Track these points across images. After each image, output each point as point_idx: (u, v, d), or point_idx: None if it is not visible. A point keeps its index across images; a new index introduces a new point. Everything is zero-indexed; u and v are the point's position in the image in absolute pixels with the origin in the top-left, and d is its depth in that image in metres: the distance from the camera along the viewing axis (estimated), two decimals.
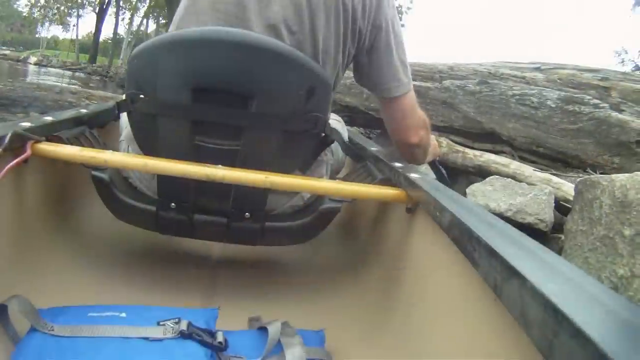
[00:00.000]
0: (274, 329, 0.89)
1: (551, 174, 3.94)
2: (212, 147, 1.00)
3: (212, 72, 0.96)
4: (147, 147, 1.06)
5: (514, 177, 3.78)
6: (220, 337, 0.85)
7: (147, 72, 0.98)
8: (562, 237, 2.82)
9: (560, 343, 0.37)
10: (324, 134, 1.09)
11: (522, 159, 4.39)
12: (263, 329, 0.92)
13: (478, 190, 3.46)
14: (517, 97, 4.53)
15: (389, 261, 1.08)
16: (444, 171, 1.57)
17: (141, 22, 36.87)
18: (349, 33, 1.10)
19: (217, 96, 0.97)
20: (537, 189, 3.29)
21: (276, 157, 1.02)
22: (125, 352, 0.78)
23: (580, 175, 3.87)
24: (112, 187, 1.04)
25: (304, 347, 0.88)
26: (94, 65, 28.00)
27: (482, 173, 4.09)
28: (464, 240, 0.64)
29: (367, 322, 1.04)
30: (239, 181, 0.94)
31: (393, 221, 1.13)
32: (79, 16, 41.65)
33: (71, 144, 1.05)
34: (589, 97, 4.35)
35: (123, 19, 37.49)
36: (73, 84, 11.24)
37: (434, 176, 1.54)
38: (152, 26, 36.42)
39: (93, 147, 1.13)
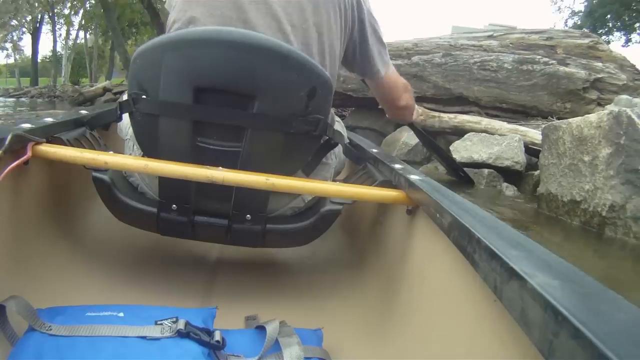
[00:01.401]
0: (271, 328, 0.89)
1: (517, 124, 4.76)
2: (214, 148, 1.00)
3: (214, 72, 0.95)
4: (149, 148, 1.05)
5: (486, 132, 4.58)
6: (218, 336, 0.85)
7: (148, 72, 0.98)
8: (535, 173, 3.72)
9: (560, 343, 0.37)
10: (327, 137, 1.09)
11: (489, 116, 5.30)
12: (261, 328, 0.92)
13: (460, 146, 4.21)
14: (478, 64, 5.50)
15: (389, 262, 1.09)
16: (422, 132, 1.73)
17: (77, 34, 34.72)
18: (345, 27, 1.15)
19: (218, 97, 0.97)
20: (508, 138, 4.10)
21: (277, 159, 1.02)
22: (123, 352, 0.78)
23: (540, 122, 4.88)
24: (113, 188, 1.04)
25: (301, 346, 0.89)
26: (37, 87, 26.62)
27: (458, 132, 4.84)
28: (464, 241, 0.64)
29: (365, 321, 1.04)
30: (240, 183, 0.94)
31: (393, 222, 1.14)
32: (14, 40, 37.91)
33: (72, 145, 1.05)
34: (539, 57, 5.36)
35: (60, 35, 35.16)
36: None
37: (417, 140, 1.71)
38: (91, 38, 34.35)
39: (94, 148, 1.14)
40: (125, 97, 1.08)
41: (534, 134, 4.28)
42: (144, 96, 0.98)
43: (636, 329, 0.37)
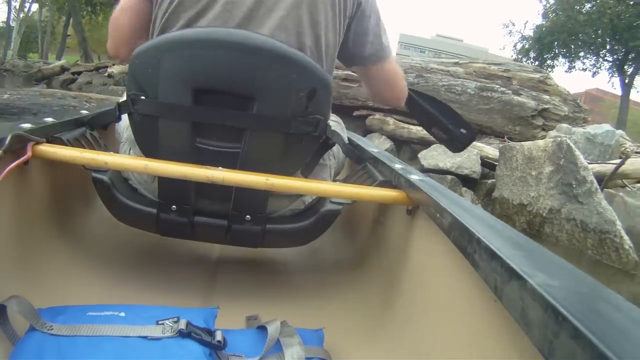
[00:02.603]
0: (273, 328, 0.90)
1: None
2: (213, 149, 1.00)
3: (213, 73, 0.95)
4: (148, 148, 1.05)
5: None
6: (219, 336, 0.85)
7: (147, 73, 0.98)
8: (489, 181, 4.87)
9: (560, 343, 0.37)
10: (325, 137, 1.08)
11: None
12: (262, 328, 0.92)
13: (427, 154, 5.19)
14: (446, 86, 6.70)
15: (389, 262, 1.09)
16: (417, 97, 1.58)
17: (29, 7, 32.69)
18: (344, 20, 1.12)
19: (218, 98, 0.96)
20: (468, 151, 5.01)
21: (277, 160, 1.02)
22: (124, 351, 0.78)
23: (492, 140, 6.27)
24: (112, 188, 1.04)
25: (302, 346, 0.89)
26: None
27: (424, 142, 5.88)
28: (464, 241, 0.64)
29: (366, 321, 1.05)
30: (240, 183, 0.94)
31: (393, 222, 1.13)
32: None
33: (72, 145, 1.04)
34: (497, 86, 6.61)
35: (14, 7, 32.64)
36: None
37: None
38: (44, 12, 32.53)
39: (94, 148, 1.13)
40: (124, 97, 1.08)
41: (489, 149, 5.35)
42: (142, 97, 0.98)
43: (636, 329, 0.37)
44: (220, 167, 0.95)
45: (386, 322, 0.99)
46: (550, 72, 21.00)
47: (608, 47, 22.66)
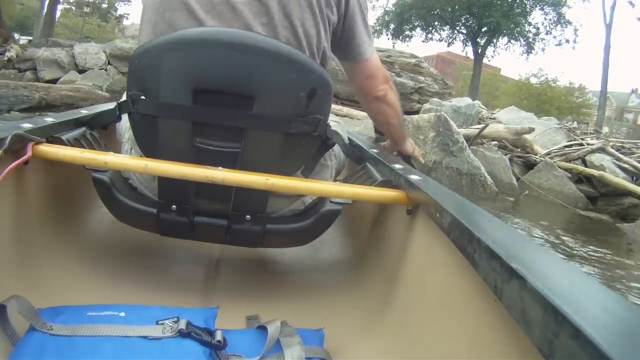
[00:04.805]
0: (273, 328, 0.90)
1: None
2: (213, 149, 1.00)
3: (213, 73, 0.95)
4: (148, 148, 1.05)
5: (348, 116, 7.27)
6: (219, 336, 0.85)
7: (147, 72, 0.98)
8: (381, 144, 5.48)
9: (560, 343, 0.37)
10: (325, 137, 1.08)
11: (346, 106, 7.70)
12: (262, 328, 0.92)
13: (333, 124, 5.82)
14: (341, 72, 7.42)
15: (389, 262, 1.08)
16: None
17: None
18: (323, 7, 1.08)
19: (218, 97, 0.96)
20: (365, 121, 6.48)
21: (277, 160, 1.02)
22: (124, 351, 0.78)
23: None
24: (112, 188, 1.04)
25: (302, 346, 0.89)
26: None
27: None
28: (464, 241, 0.64)
29: (366, 321, 1.05)
30: (240, 183, 0.94)
31: (393, 222, 1.14)
32: None
33: (72, 145, 1.04)
34: None
35: None
36: None
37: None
38: None
39: (94, 148, 1.13)
40: (124, 97, 1.08)
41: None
42: (142, 97, 0.98)
43: (636, 329, 0.37)
44: (220, 167, 0.95)
45: (386, 322, 0.99)
46: (408, 42, 27.71)
47: (463, 20, 26.94)
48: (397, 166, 1.11)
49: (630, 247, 4.53)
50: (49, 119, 1.08)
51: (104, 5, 32.20)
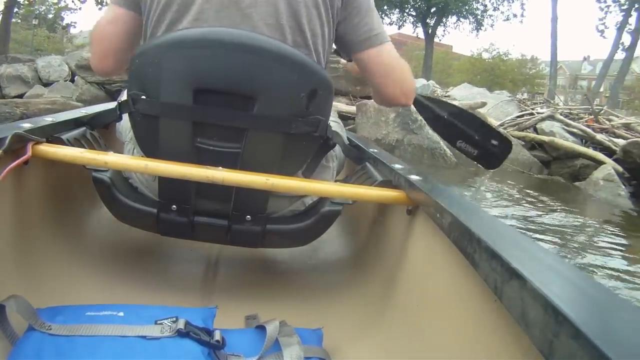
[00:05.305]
0: (272, 328, 0.89)
1: None
2: (213, 149, 0.99)
3: (214, 73, 0.95)
4: (149, 148, 1.05)
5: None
6: (217, 336, 0.85)
7: (148, 72, 0.97)
8: (346, 128, 5.51)
9: (560, 343, 0.37)
10: (325, 137, 1.08)
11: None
12: (261, 328, 0.92)
13: None
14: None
15: (389, 262, 1.08)
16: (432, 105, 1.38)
17: None
18: (334, 13, 1.07)
19: (218, 98, 0.96)
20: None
21: (277, 160, 1.02)
22: (123, 351, 0.78)
23: (341, 98, 8.33)
24: (112, 188, 1.04)
25: (301, 345, 0.89)
26: None
27: None
28: (465, 241, 0.64)
29: (365, 321, 1.05)
30: (240, 183, 0.94)
31: (393, 222, 1.13)
32: None
33: (72, 145, 1.04)
34: (342, 59, 7.95)
35: None
36: None
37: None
38: None
39: (94, 148, 1.13)
40: (124, 96, 1.08)
41: (342, 105, 7.63)
42: (143, 96, 0.97)
43: (636, 330, 0.37)
44: (221, 167, 0.95)
45: (385, 322, 0.99)
46: None
47: (412, 2, 27.77)
48: (397, 166, 1.11)
49: (584, 199, 5.77)
50: (49, 119, 1.08)
51: (50, 16, 31.91)
